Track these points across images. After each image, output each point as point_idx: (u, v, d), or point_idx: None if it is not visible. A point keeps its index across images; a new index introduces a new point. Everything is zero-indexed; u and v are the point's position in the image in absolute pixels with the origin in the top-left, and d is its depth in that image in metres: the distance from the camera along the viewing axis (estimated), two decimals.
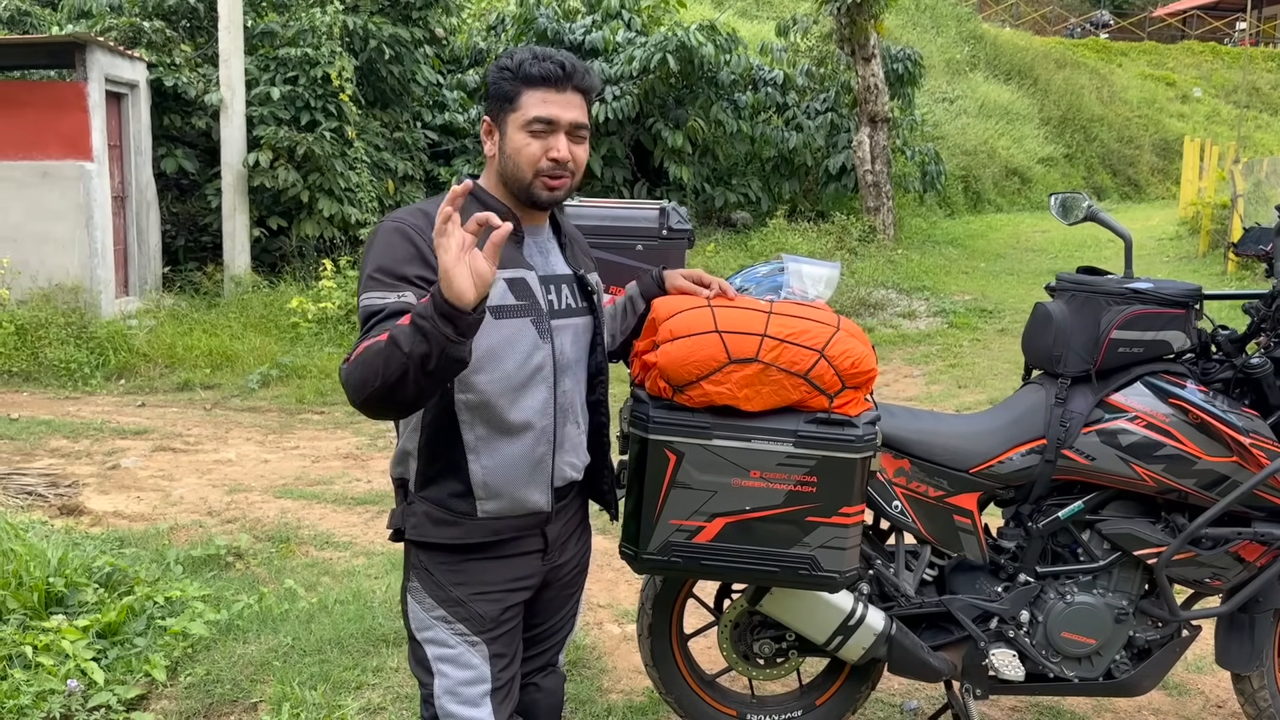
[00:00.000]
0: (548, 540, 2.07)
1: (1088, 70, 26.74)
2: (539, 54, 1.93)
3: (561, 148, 1.91)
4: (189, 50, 11.21)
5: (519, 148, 1.91)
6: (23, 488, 5.61)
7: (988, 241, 16.35)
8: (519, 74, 1.91)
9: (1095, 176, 23.78)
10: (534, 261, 1.99)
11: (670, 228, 2.51)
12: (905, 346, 9.74)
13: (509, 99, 1.92)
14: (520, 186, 1.94)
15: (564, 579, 2.18)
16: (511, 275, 1.91)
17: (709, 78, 13.40)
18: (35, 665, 3.22)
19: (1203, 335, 2.73)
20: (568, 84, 1.92)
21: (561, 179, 1.94)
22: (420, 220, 1.88)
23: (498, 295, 1.86)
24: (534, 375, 1.93)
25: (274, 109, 10.48)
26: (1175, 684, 3.40)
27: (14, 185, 8.94)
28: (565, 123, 1.91)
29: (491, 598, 1.98)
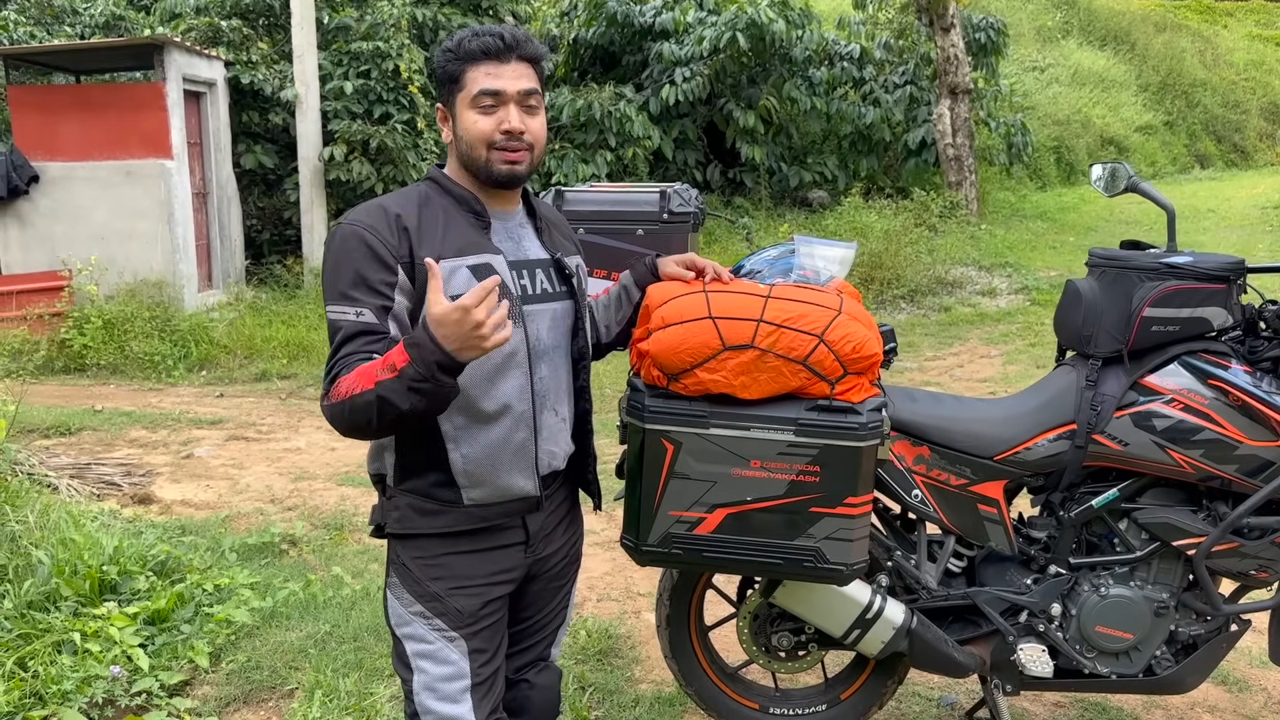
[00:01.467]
0: (529, 532, 2.02)
1: (1190, 33, 25.57)
2: (479, 30, 1.90)
3: (513, 119, 1.87)
4: (266, 47, 11.46)
5: (470, 125, 1.87)
6: (100, 477, 5.82)
7: (1079, 215, 15.77)
8: (460, 53, 1.87)
9: (1198, 144, 22.77)
10: (503, 246, 1.94)
11: (671, 211, 2.45)
12: (983, 325, 9.46)
13: (455, 79, 1.89)
14: (478, 166, 1.90)
15: (551, 571, 2.13)
16: (475, 262, 1.87)
17: (781, 55, 13.16)
18: (83, 651, 3.32)
19: (1248, 311, 2.55)
20: (511, 54, 1.88)
21: (519, 152, 1.89)
22: (378, 219, 1.84)
23: (462, 283, 1.82)
24: (507, 361, 1.89)
25: (347, 103, 10.65)
26: (1236, 679, 3.21)
27: (99, 185, 9.27)
28: (513, 93, 1.87)
29: (470, 592, 1.94)
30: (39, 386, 8.17)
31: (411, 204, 1.89)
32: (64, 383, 8.41)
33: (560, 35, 13.90)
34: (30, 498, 4.15)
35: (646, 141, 12.18)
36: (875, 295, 10.15)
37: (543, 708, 2.18)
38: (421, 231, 1.84)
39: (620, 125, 11.95)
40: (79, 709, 3.08)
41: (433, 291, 1.66)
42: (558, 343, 2.01)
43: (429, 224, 1.86)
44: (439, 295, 1.66)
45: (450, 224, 1.89)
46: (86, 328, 8.69)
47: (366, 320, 1.76)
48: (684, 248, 2.49)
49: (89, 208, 9.30)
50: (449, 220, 1.89)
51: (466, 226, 1.90)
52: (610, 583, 4.10)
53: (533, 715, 2.16)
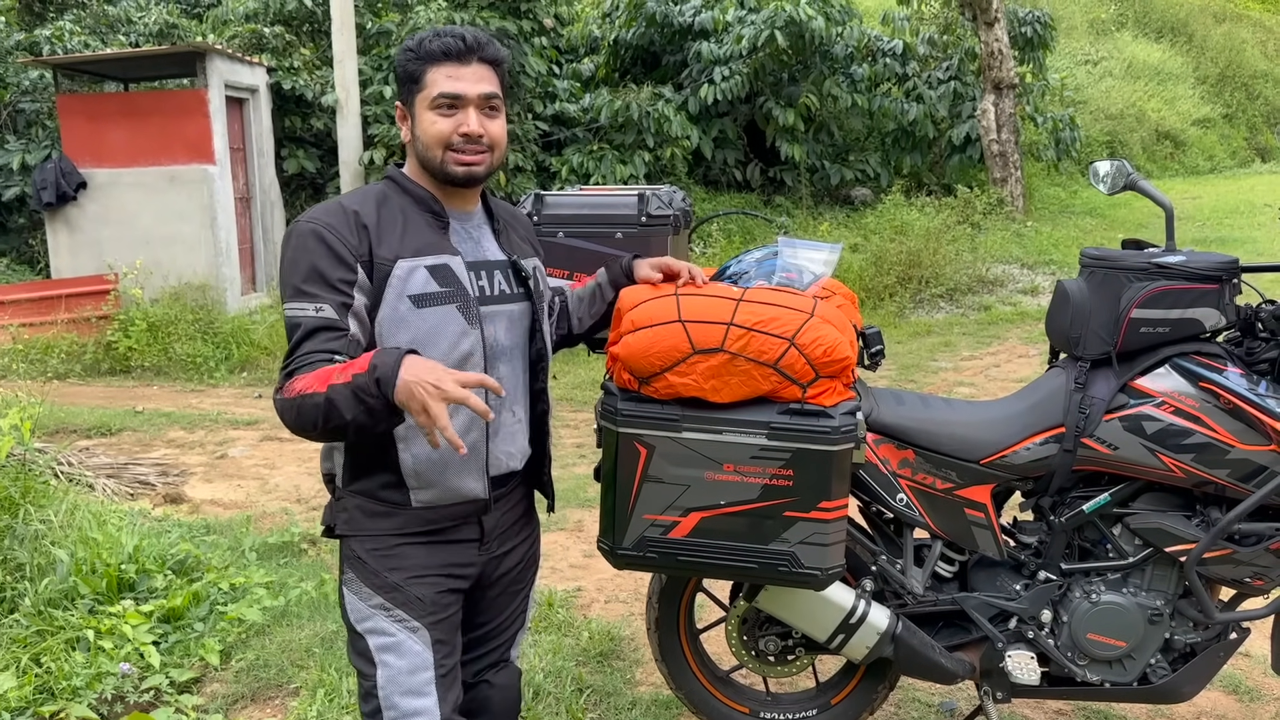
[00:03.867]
0: (484, 529, 2.01)
1: (1250, 23, 24.92)
2: (440, 30, 1.89)
3: (471, 122, 1.87)
4: (308, 54, 11.64)
5: (428, 126, 1.87)
6: (136, 477, 5.95)
7: (1131, 210, 15.42)
8: (421, 52, 1.87)
9: (1258, 137, 22.19)
10: (461, 247, 1.94)
11: (649, 214, 2.44)
12: (1023, 324, 9.31)
13: (415, 79, 1.88)
14: (434, 166, 1.90)
15: (508, 575, 2.12)
16: (434, 262, 1.87)
17: (822, 52, 13.06)
18: (96, 648, 3.40)
19: (1245, 311, 2.49)
20: (472, 56, 1.87)
21: (478, 154, 1.89)
22: (336, 217, 1.84)
23: (419, 284, 1.83)
24: (463, 363, 1.88)
25: (387, 107, 10.78)
26: (1248, 688, 3.13)
27: (144, 190, 9.49)
28: (474, 96, 1.87)
29: (428, 580, 1.94)
30: (85, 388, 8.38)
31: (370, 202, 1.89)
32: (109, 384, 8.62)
33: (601, 36, 13.94)
34: (57, 497, 4.26)
35: (685, 141, 12.16)
36: (913, 294, 10.04)
37: (503, 707, 2.17)
38: (380, 230, 1.85)
39: (658, 125, 11.95)
40: (88, 705, 3.16)
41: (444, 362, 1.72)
42: (515, 344, 2.01)
43: (388, 222, 1.87)
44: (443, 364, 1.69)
45: (409, 223, 1.89)
46: (132, 330, 8.90)
47: (327, 315, 1.76)
48: (663, 251, 2.48)
49: (134, 213, 9.53)
50: (408, 219, 1.89)
51: (425, 226, 1.91)
52: (619, 584, 4.10)
53: (493, 714, 2.16)
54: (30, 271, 11.02)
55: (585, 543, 4.59)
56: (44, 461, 4.84)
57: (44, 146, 11.03)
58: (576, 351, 8.78)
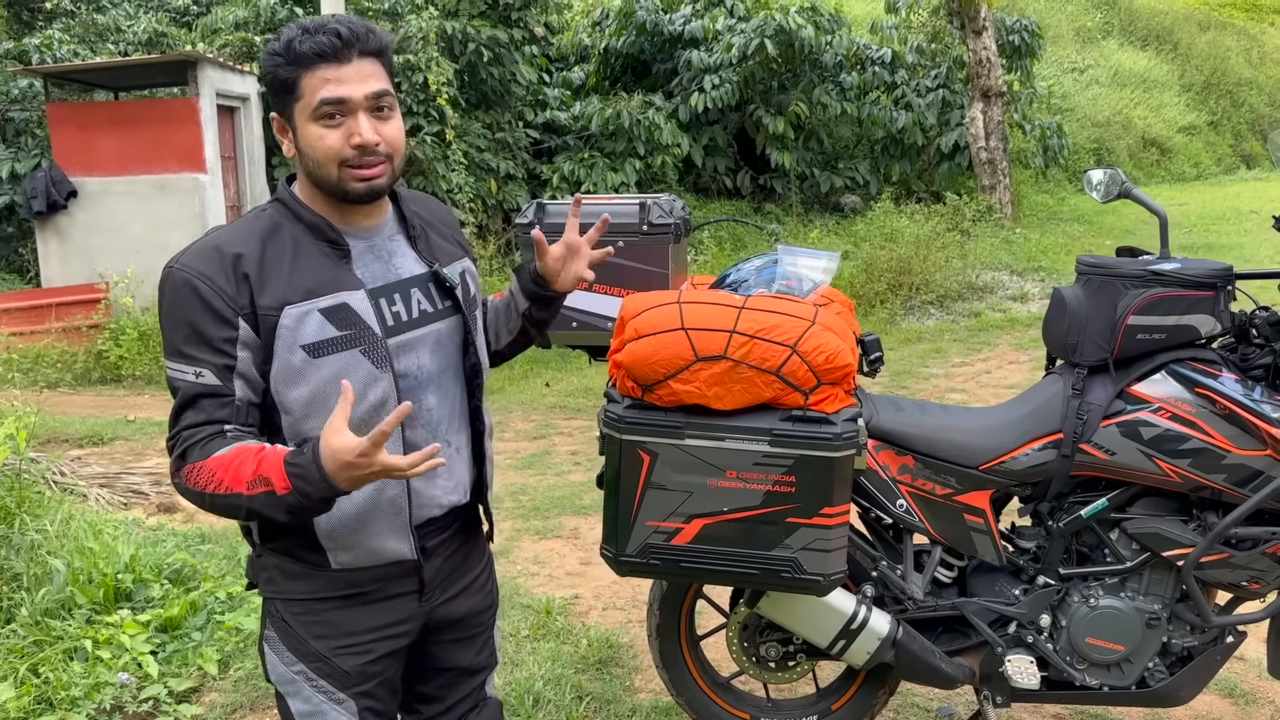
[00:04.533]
0: (423, 580, 1.80)
1: (1235, 31, 25.13)
2: (309, 26, 1.60)
3: (364, 130, 1.60)
4: None
5: (315, 141, 1.61)
6: (129, 486, 5.93)
7: (1119, 217, 15.51)
8: (291, 56, 1.59)
9: (1243, 144, 22.36)
10: (366, 273, 1.70)
11: (650, 223, 2.46)
12: (1013, 331, 9.35)
13: (289, 88, 1.61)
14: (330, 185, 1.64)
15: (464, 620, 1.92)
16: (329, 303, 1.63)
17: (811, 60, 13.13)
18: (94, 658, 3.40)
19: (1239, 318, 2.52)
20: (351, 52, 1.60)
21: (377, 166, 1.63)
22: (212, 264, 1.60)
23: (313, 331, 1.61)
24: (376, 412, 1.66)
25: None
26: (1244, 691, 3.15)
27: (135, 199, 9.48)
28: (360, 99, 1.60)
29: (358, 650, 1.74)
30: (74, 397, 8.35)
31: (254, 240, 1.64)
32: (100, 393, 8.59)
33: (591, 45, 13.98)
34: (52, 507, 4.25)
35: (675, 149, 12.20)
36: (904, 301, 10.08)
37: None
38: (264, 274, 1.61)
39: (649, 133, 11.98)
40: (86, 715, 3.15)
41: (338, 416, 1.47)
42: (445, 366, 1.79)
43: (273, 263, 1.63)
44: (342, 423, 1.47)
45: (300, 259, 1.65)
46: (123, 339, 8.88)
47: (207, 382, 1.58)
48: (664, 259, 2.50)
49: (125, 221, 9.52)
50: (299, 254, 1.65)
51: (320, 259, 1.66)
52: (617, 591, 4.11)
53: None
54: (20, 280, 10.99)
55: (581, 550, 4.59)
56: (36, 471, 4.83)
57: (33, 155, 11.00)
58: (571, 358, 8.80)
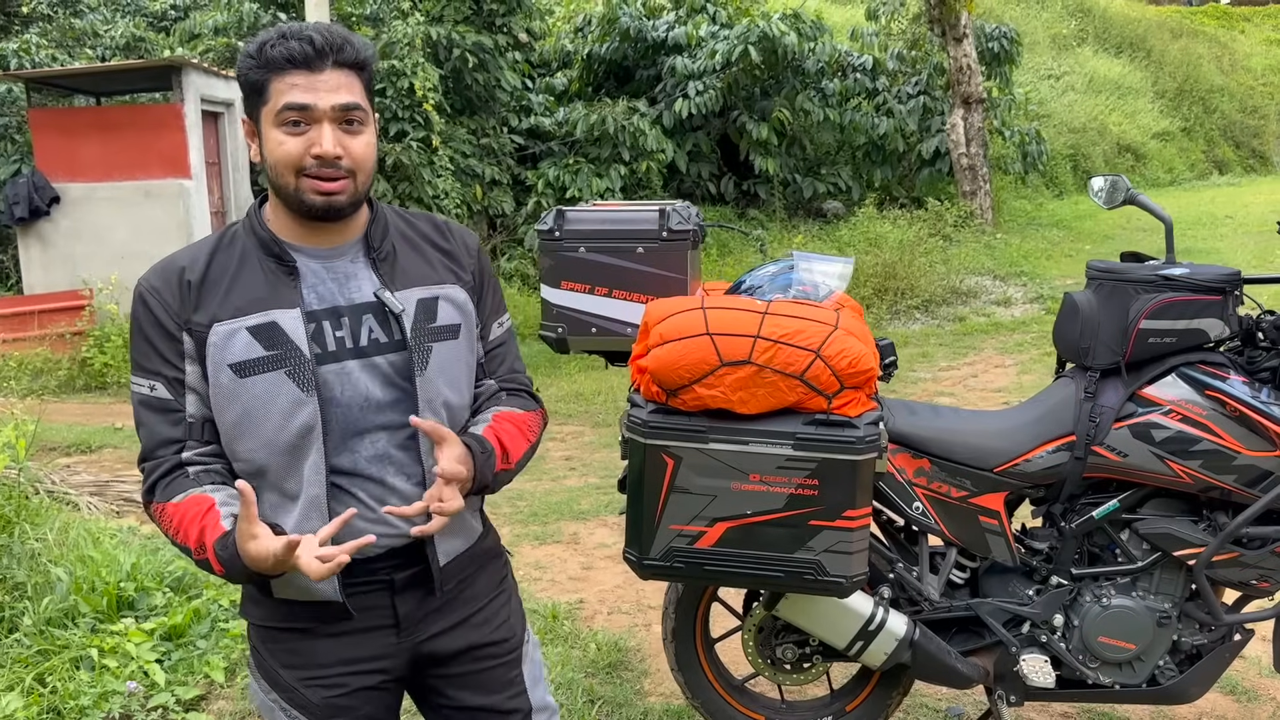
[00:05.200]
0: (398, 615, 1.71)
1: (1206, 39, 25.48)
2: (285, 32, 1.57)
3: (325, 141, 1.55)
4: None
5: (274, 146, 1.57)
6: (120, 494, 5.89)
7: (1096, 222, 15.70)
8: (262, 59, 1.56)
9: (1216, 149, 22.66)
10: (313, 295, 1.63)
11: (670, 229, 2.48)
12: (998, 335, 9.44)
13: (258, 90, 1.58)
14: (288, 195, 1.59)
15: (469, 652, 1.80)
16: (257, 321, 1.58)
17: (794, 67, 13.21)
18: (100, 667, 3.38)
19: (1246, 322, 2.57)
20: (324, 62, 1.56)
21: (338, 180, 1.57)
22: (163, 278, 1.61)
23: (240, 349, 1.58)
24: (302, 439, 1.59)
25: None
26: (1245, 689, 3.21)
27: (119, 205, 9.41)
28: (326, 109, 1.55)
29: (327, 683, 1.69)
30: (60, 405, 8.27)
31: (204, 254, 1.63)
32: (85, 401, 8.52)
33: (575, 51, 14.00)
34: (50, 515, 4.22)
35: (660, 155, 12.24)
36: (890, 305, 10.15)
37: None
38: (204, 288, 1.60)
39: (634, 139, 12.01)
40: None
41: (244, 521, 1.47)
42: (400, 399, 1.66)
43: (215, 278, 1.61)
44: (253, 526, 1.47)
45: (241, 275, 1.62)
46: (107, 346, 8.82)
47: (160, 395, 1.60)
48: (683, 265, 2.52)
49: (109, 227, 9.45)
50: (241, 269, 1.62)
51: (262, 276, 1.62)
52: (621, 595, 4.13)
53: None
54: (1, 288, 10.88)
55: (582, 554, 4.61)
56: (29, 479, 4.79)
57: (14, 161, 10.90)
58: (560, 362, 8.80)
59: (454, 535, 1.75)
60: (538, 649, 1.95)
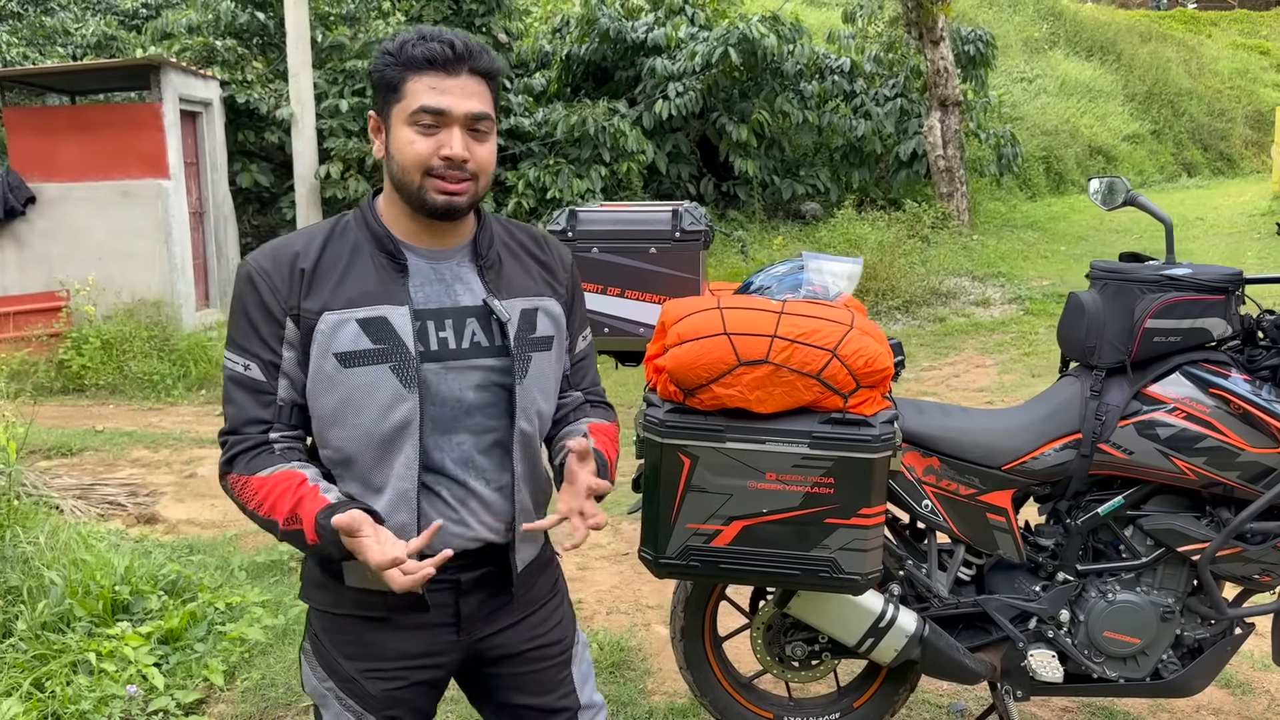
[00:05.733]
0: (460, 613, 1.75)
1: (1175, 43, 25.82)
2: (426, 33, 1.61)
3: (455, 144, 1.59)
4: (261, 66, 11.52)
5: (404, 145, 1.61)
6: (104, 497, 5.83)
7: (1070, 224, 15.89)
8: (401, 58, 1.60)
9: (1184, 152, 22.96)
10: (420, 294, 1.67)
11: (683, 229, 2.50)
12: (978, 335, 9.53)
13: (393, 88, 1.61)
14: (410, 193, 1.62)
15: (522, 654, 1.84)
16: (368, 314, 1.62)
17: (773, 69, 13.26)
18: (99, 671, 3.35)
19: (1247, 321, 2.62)
20: (461, 67, 1.60)
21: (462, 182, 1.62)
22: (275, 260, 1.65)
23: (348, 340, 1.61)
24: (398, 432, 1.63)
25: (343, 121, 10.72)
26: (1240, 682, 3.26)
27: (97, 205, 9.31)
28: (459, 114, 1.60)
29: (387, 675, 1.73)
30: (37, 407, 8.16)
31: (317, 241, 1.67)
32: (63, 403, 8.41)
33: (553, 52, 13.99)
34: (40, 519, 4.17)
35: (640, 156, 12.26)
36: (871, 306, 10.22)
37: None
38: (316, 276, 1.64)
39: (614, 140, 12.02)
40: None
41: (366, 525, 1.51)
42: (492, 403, 1.71)
43: (328, 267, 1.65)
44: (369, 543, 1.50)
45: (353, 267, 1.65)
46: (85, 348, 8.70)
47: (254, 377, 1.63)
48: (695, 265, 2.54)
49: (86, 228, 9.34)
50: (354, 262, 1.66)
51: (373, 271, 1.66)
52: (619, 596, 4.13)
53: None
54: None
55: (578, 555, 4.61)
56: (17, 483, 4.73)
57: None
58: None
59: (530, 543, 1.81)
60: (587, 649, 2.00)
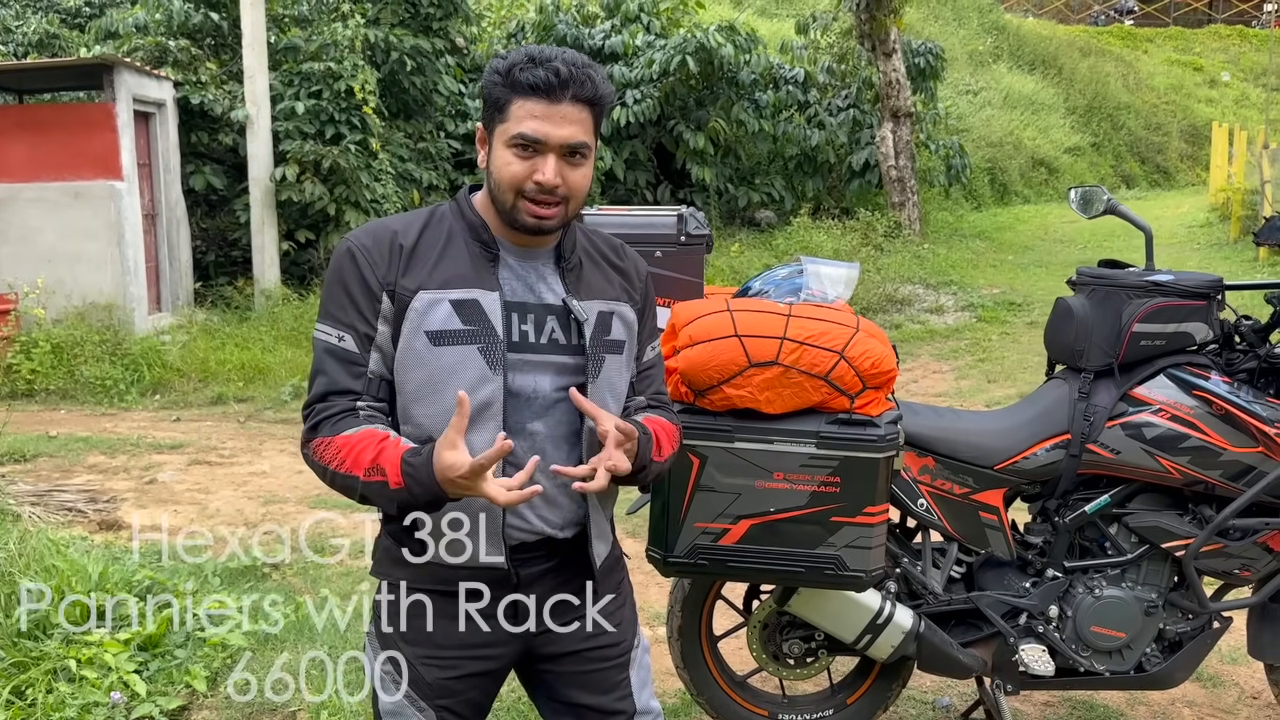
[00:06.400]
0: (518, 605, 1.78)
1: (1113, 58, 26.50)
2: (536, 55, 1.64)
3: (549, 171, 1.64)
4: (214, 68, 11.36)
5: (502, 165, 1.66)
6: (63, 504, 5.71)
7: (1015, 233, 16.25)
8: (509, 80, 1.64)
9: (1123, 164, 23.57)
10: (508, 284, 1.73)
11: (688, 233, 2.54)
12: (933, 342, 9.70)
13: (499, 107, 1.66)
14: (503, 209, 1.69)
15: (580, 653, 1.85)
16: (461, 296, 1.68)
17: (729, 78, 13.40)
18: (79, 678, 3.29)
19: (1225, 326, 2.72)
20: (564, 94, 1.63)
21: (551, 206, 1.67)
22: (375, 238, 1.71)
23: (440, 319, 1.67)
24: (481, 412, 1.66)
25: (299, 123, 10.59)
26: (1210, 676, 3.38)
27: (47, 206, 9.10)
28: (556, 142, 1.64)
29: (443, 663, 1.76)
30: None
31: (416, 224, 1.74)
32: (11, 409, 8.18)
33: None
34: (7, 527, 4.09)
35: (599, 162, 12.28)
36: None
37: None
38: (414, 256, 1.70)
39: None
40: None
41: (453, 430, 1.54)
42: (564, 398, 1.75)
43: (426, 248, 1.71)
44: (457, 436, 1.54)
45: (448, 250, 1.72)
46: (34, 352, 8.51)
47: (347, 347, 1.68)
48: (699, 268, 2.58)
49: (36, 229, 9.13)
50: (449, 246, 1.72)
51: (467, 256, 1.72)
52: None
53: None
54: None
55: None
56: None
57: None
58: None
59: (601, 539, 1.83)
60: (647, 653, 1.98)
